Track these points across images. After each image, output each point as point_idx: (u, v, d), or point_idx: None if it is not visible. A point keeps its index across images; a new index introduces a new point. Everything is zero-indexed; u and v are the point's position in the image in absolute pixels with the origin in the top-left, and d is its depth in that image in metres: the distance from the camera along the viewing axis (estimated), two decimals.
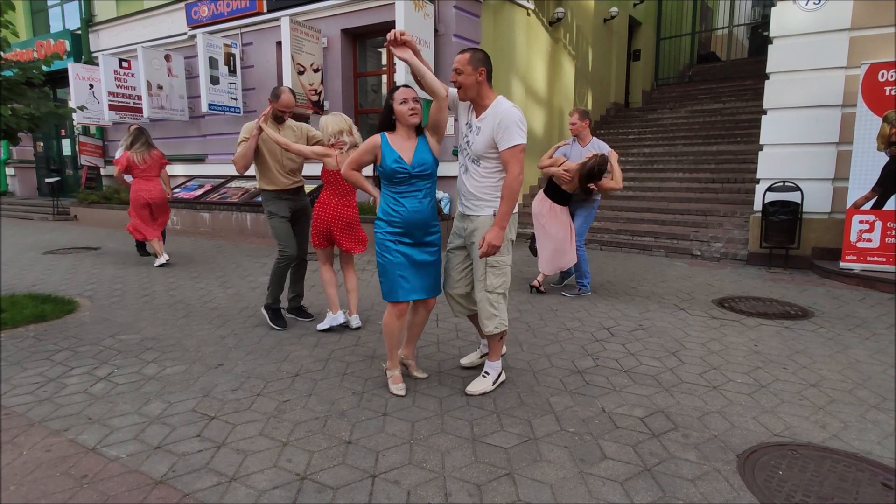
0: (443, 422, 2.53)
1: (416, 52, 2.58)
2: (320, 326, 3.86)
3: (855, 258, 5.58)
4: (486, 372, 2.89)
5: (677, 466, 2.17)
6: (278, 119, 3.89)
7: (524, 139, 2.59)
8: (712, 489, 2.02)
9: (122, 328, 3.98)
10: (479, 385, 2.84)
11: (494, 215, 2.67)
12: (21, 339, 3.72)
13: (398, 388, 2.83)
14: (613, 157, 4.67)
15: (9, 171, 15.23)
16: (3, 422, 2.54)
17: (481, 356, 3.18)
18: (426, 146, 2.71)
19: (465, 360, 3.22)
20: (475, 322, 3.05)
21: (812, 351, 3.51)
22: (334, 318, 3.82)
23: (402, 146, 2.67)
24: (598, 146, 4.78)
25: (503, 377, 2.94)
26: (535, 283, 5.03)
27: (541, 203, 4.72)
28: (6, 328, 3.90)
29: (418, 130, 2.74)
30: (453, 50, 7.70)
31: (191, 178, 10.39)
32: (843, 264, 5.63)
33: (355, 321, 3.92)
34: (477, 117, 2.69)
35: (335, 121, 3.66)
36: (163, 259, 6.25)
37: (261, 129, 3.73)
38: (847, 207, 5.66)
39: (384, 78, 8.90)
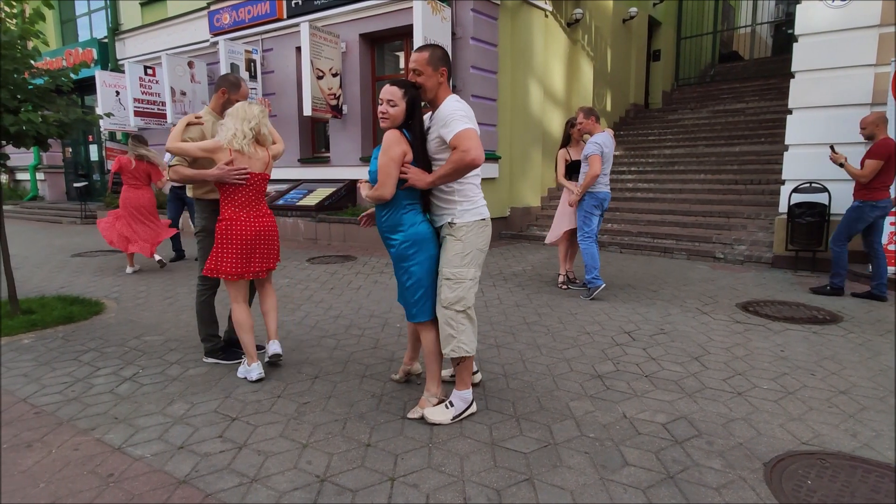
0: (462, 425, 2.52)
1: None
2: (239, 373, 3.13)
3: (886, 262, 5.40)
4: (449, 402, 2.54)
5: (701, 474, 2.13)
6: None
7: (470, 124, 2.33)
8: (738, 498, 1.97)
9: (147, 329, 4.06)
10: (437, 415, 2.50)
11: (451, 224, 2.47)
12: (51, 339, 3.83)
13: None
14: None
15: (39, 176, 15.71)
16: (34, 420, 2.61)
17: (452, 375, 2.87)
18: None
19: (444, 373, 2.90)
20: None
21: (841, 357, 3.41)
22: (249, 370, 3.06)
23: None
24: (589, 143, 4.82)
25: (473, 409, 2.58)
26: (561, 279, 5.37)
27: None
28: (37, 329, 4.01)
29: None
30: (471, 53, 7.71)
31: None
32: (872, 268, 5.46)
33: (273, 347, 3.19)
34: (431, 117, 2.53)
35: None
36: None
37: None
38: None
39: None
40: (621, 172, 9.53)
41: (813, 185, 5.97)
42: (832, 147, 5.00)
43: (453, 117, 2.34)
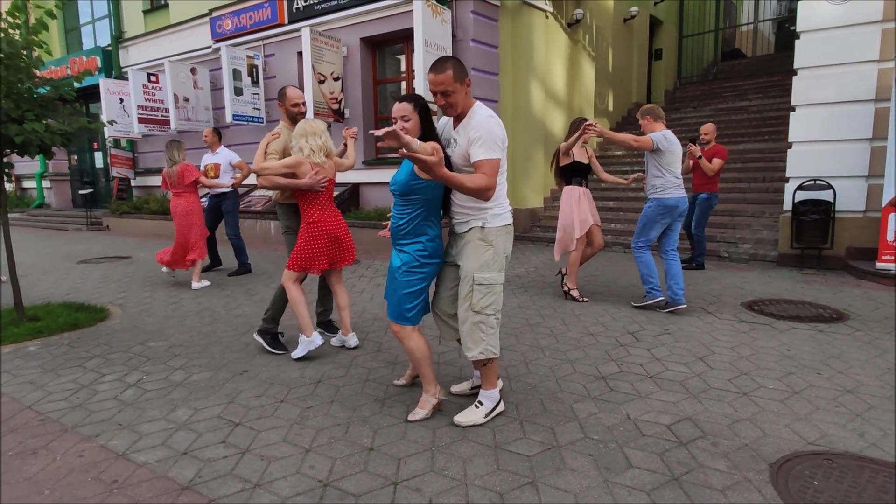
0: (465, 429, 2.51)
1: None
2: (295, 354, 3.43)
3: (892, 258, 5.36)
4: (479, 402, 2.60)
5: (706, 476, 2.11)
6: (294, 119, 3.69)
7: (498, 154, 2.33)
8: (743, 500, 1.96)
9: (151, 335, 4.07)
10: (468, 416, 2.54)
11: (483, 228, 2.45)
12: (56, 346, 3.85)
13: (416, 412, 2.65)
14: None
15: (45, 184, 15.83)
16: (39, 427, 2.63)
17: (472, 387, 2.89)
18: (410, 165, 2.45)
19: (455, 388, 2.92)
20: None
21: (848, 355, 3.38)
22: (310, 341, 3.39)
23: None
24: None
25: (501, 408, 2.64)
26: (566, 287, 4.93)
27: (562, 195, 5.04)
28: (42, 335, 4.04)
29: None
30: (472, 55, 7.71)
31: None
32: (879, 265, 5.42)
33: (353, 340, 3.66)
34: (454, 128, 2.48)
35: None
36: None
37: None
38: (883, 205, 5.45)
39: (403, 85, 8.97)
40: (624, 172, 9.49)
41: (818, 182, 5.94)
42: (693, 141, 5.83)
43: (489, 141, 2.30)
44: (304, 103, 3.77)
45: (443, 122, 2.64)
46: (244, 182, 6.60)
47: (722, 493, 1.99)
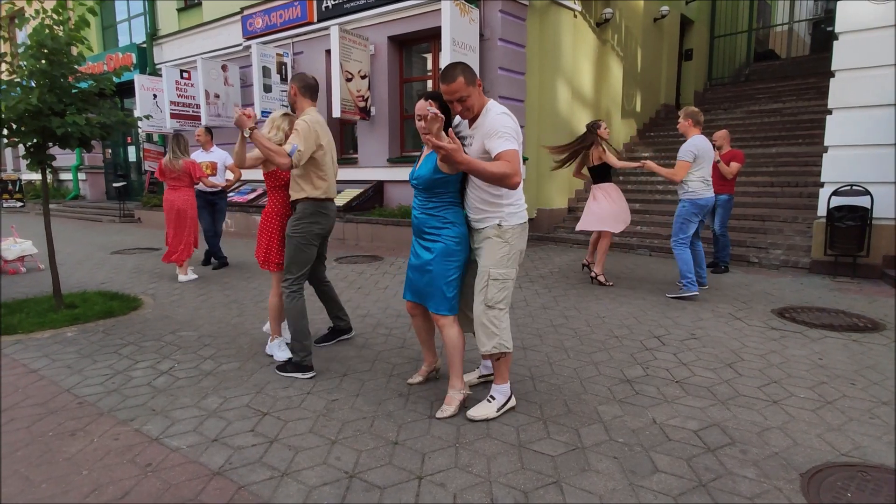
0: (488, 426, 2.52)
1: None
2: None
3: None
4: (491, 396, 2.66)
5: (735, 483, 2.08)
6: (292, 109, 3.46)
7: (516, 146, 2.36)
8: None
9: (182, 325, 4.18)
10: (481, 410, 2.60)
11: (499, 226, 2.52)
12: (92, 333, 3.98)
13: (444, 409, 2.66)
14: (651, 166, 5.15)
15: (81, 176, 16.35)
16: (77, 410, 2.73)
17: (479, 377, 3.01)
18: (432, 161, 2.53)
19: (471, 377, 2.98)
20: None
21: (884, 366, 3.28)
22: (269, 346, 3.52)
23: (423, 155, 2.66)
24: (684, 147, 4.91)
25: (512, 402, 2.69)
26: (594, 273, 5.52)
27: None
28: (79, 322, 4.18)
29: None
30: (499, 54, 7.70)
31: (244, 182, 10.81)
32: None
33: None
34: (470, 127, 2.56)
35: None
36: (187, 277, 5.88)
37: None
38: None
39: (430, 83, 9.00)
40: (652, 174, 9.35)
41: (854, 187, 5.76)
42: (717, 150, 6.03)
43: (504, 134, 2.35)
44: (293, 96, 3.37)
45: (456, 120, 2.69)
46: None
47: (751, 501, 1.96)
